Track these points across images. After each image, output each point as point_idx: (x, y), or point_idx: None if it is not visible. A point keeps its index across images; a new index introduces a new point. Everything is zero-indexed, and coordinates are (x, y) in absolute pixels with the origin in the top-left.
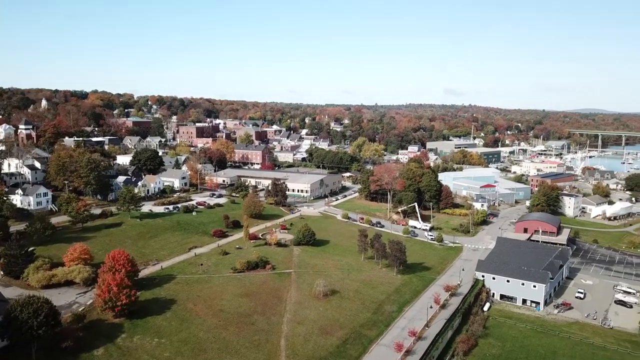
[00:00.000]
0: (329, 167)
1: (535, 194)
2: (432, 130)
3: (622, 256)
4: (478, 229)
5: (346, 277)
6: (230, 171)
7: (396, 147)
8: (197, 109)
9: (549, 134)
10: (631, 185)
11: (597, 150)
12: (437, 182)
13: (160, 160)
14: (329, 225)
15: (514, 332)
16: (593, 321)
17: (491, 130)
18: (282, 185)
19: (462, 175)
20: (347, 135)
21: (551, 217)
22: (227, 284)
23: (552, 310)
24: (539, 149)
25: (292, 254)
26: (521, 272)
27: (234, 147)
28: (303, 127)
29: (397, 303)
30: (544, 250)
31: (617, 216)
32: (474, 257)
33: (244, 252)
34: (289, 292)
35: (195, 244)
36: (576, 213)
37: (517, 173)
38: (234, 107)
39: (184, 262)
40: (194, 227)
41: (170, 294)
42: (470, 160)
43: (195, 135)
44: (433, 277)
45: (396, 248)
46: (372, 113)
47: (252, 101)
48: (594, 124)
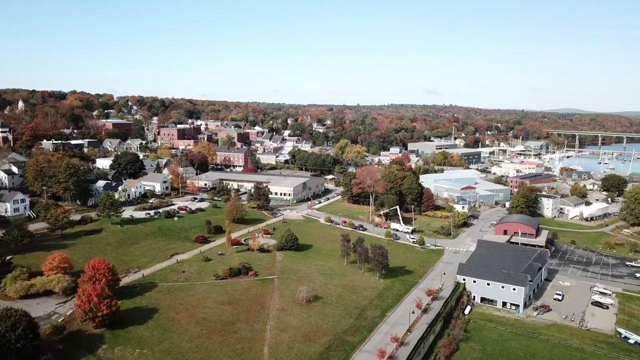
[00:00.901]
0: (311, 169)
1: (515, 196)
2: (414, 131)
3: (599, 257)
4: (459, 231)
5: (329, 282)
6: (212, 174)
7: (378, 149)
8: (178, 110)
9: (528, 134)
10: (607, 186)
11: (574, 150)
12: (418, 184)
13: (141, 164)
14: (312, 229)
15: (494, 335)
16: (571, 323)
17: (472, 131)
18: (264, 189)
19: (443, 177)
20: (329, 136)
21: (530, 219)
22: (210, 291)
23: (531, 313)
24: (519, 149)
25: (275, 260)
26: (501, 275)
27: (215, 150)
28: (285, 128)
29: (380, 308)
30: (523, 253)
31: (594, 217)
32: (455, 259)
33: (227, 258)
34: (272, 299)
35: (177, 250)
36: (554, 214)
37: (497, 174)
38: (215, 108)
39: (165, 269)
40: (175, 232)
41: (152, 303)
42: (451, 162)
43: (177, 137)
44: (415, 281)
45: (378, 252)
46: (354, 113)
47: (234, 101)
48: (571, 124)
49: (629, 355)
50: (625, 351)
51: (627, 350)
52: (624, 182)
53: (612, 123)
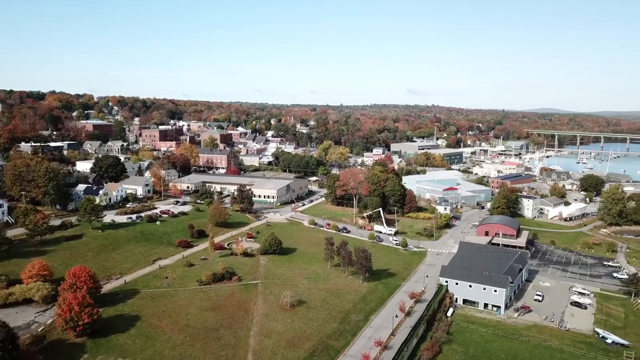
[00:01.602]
0: (295, 171)
1: (496, 197)
2: (396, 131)
3: (577, 257)
4: (441, 233)
5: (313, 286)
6: (195, 177)
7: (361, 149)
8: (160, 111)
9: (509, 134)
10: (585, 186)
11: (554, 150)
12: (401, 186)
13: (123, 167)
14: (296, 232)
15: (476, 337)
16: (551, 323)
17: (453, 131)
18: (248, 192)
19: (425, 179)
20: (313, 137)
21: (511, 220)
22: (193, 297)
23: (512, 314)
24: (499, 149)
25: (258, 264)
26: (483, 277)
27: (198, 152)
28: (269, 129)
29: (364, 312)
30: (504, 254)
31: (573, 217)
32: (437, 261)
33: (210, 263)
34: (256, 304)
35: (159, 256)
36: (534, 214)
37: (479, 174)
38: (198, 109)
39: (148, 275)
40: (158, 237)
41: (134, 310)
42: (433, 162)
43: (159, 139)
44: (398, 284)
45: (362, 256)
46: (337, 114)
47: (217, 101)
48: (550, 124)
49: (607, 355)
50: (603, 351)
51: (605, 350)
52: (601, 182)
53: (589, 123)
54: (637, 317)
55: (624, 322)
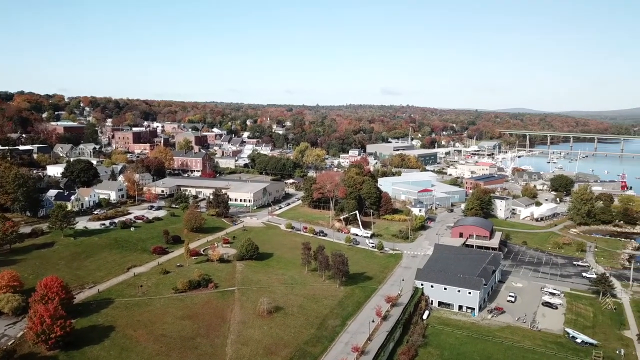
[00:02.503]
0: (271, 173)
1: (470, 198)
2: (372, 132)
3: (548, 257)
4: (417, 235)
5: (290, 292)
6: (170, 180)
7: (338, 151)
8: (133, 112)
9: (482, 134)
10: (555, 186)
11: (525, 150)
12: (376, 189)
13: (95, 171)
14: (273, 236)
15: (451, 340)
16: (523, 324)
17: (428, 131)
18: (223, 196)
19: (400, 180)
20: (289, 138)
21: (484, 222)
22: (169, 305)
23: (486, 315)
24: (473, 149)
25: (235, 270)
26: (457, 279)
27: (172, 155)
28: (244, 130)
29: (341, 317)
30: (478, 256)
31: (544, 217)
32: (413, 264)
33: (186, 270)
34: (233, 312)
35: (134, 263)
36: (507, 215)
37: (453, 175)
38: (172, 109)
39: (122, 284)
40: (132, 244)
41: (108, 320)
42: (408, 164)
43: (132, 141)
44: (375, 287)
45: (339, 260)
46: (313, 114)
47: (192, 101)
48: (522, 124)
49: (577, 354)
50: (573, 351)
51: (574, 350)
52: (571, 182)
53: (559, 123)
54: (605, 317)
55: (592, 322)
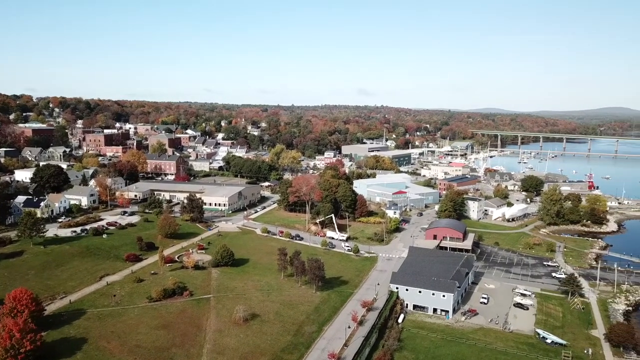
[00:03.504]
0: (247, 176)
1: (443, 200)
2: (347, 133)
3: (520, 257)
4: (391, 237)
5: (266, 298)
6: (143, 184)
7: (313, 152)
8: (105, 113)
9: (455, 134)
10: (526, 187)
11: (497, 150)
12: (352, 191)
13: (66, 176)
14: (248, 241)
15: (426, 343)
16: (495, 326)
17: (402, 132)
18: (198, 201)
19: (375, 182)
20: (264, 139)
21: (457, 224)
22: (143, 315)
23: (460, 318)
24: (446, 149)
25: (210, 277)
26: (431, 282)
27: (145, 158)
28: (219, 131)
29: (317, 322)
30: (451, 259)
31: (515, 217)
32: (388, 267)
33: (160, 277)
34: (209, 320)
35: (107, 272)
36: (480, 216)
37: (427, 176)
38: (145, 110)
39: (95, 293)
40: (105, 251)
41: (80, 332)
42: (383, 165)
43: (104, 144)
44: (351, 292)
45: (315, 266)
46: (289, 114)
47: (165, 102)
48: (493, 125)
49: (547, 355)
50: (544, 351)
51: (545, 350)
52: (540, 182)
53: (529, 123)
54: (574, 316)
55: (562, 322)
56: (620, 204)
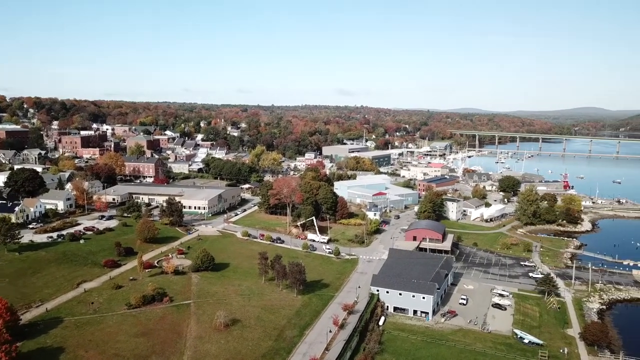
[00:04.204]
0: (227, 178)
1: (423, 201)
2: (327, 133)
3: (498, 258)
4: (372, 239)
5: (247, 303)
6: (121, 188)
7: (294, 153)
8: (81, 114)
9: (434, 134)
10: (503, 187)
11: (475, 150)
12: (333, 194)
13: (41, 180)
14: (229, 245)
15: (406, 345)
16: (474, 327)
17: (381, 133)
18: (177, 205)
19: (356, 184)
20: (244, 140)
21: (437, 225)
22: (122, 322)
23: (439, 319)
24: (425, 150)
25: (190, 282)
26: (411, 284)
27: (123, 160)
28: (198, 132)
29: (298, 327)
30: (431, 260)
31: (493, 218)
32: (369, 269)
33: (139, 283)
34: (189, 326)
35: (84, 278)
36: (458, 216)
37: (406, 177)
38: (122, 111)
39: (72, 301)
40: (82, 257)
41: (57, 342)
42: (363, 166)
43: (80, 146)
44: (332, 295)
45: (296, 270)
46: (269, 115)
47: (143, 102)
48: (472, 125)
49: (524, 355)
50: (521, 351)
51: (522, 350)
52: (517, 182)
53: (506, 123)
54: (550, 316)
55: (538, 321)
56: (594, 203)
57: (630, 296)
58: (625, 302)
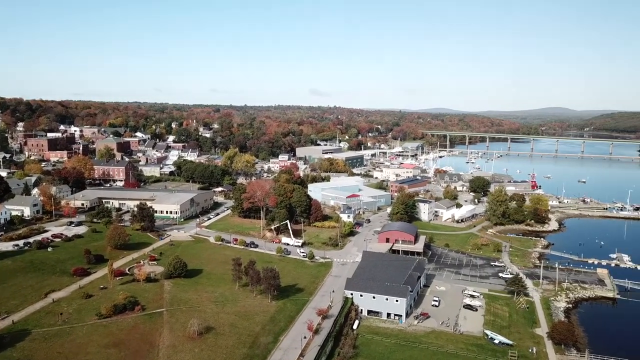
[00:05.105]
0: (199, 181)
1: (395, 203)
2: (301, 134)
3: (469, 258)
4: (346, 241)
5: (221, 310)
6: (90, 192)
7: (267, 154)
8: (48, 115)
9: (406, 135)
10: (474, 187)
11: (446, 151)
12: (307, 196)
13: (6, 185)
14: (202, 250)
15: (380, 349)
16: (447, 328)
17: (354, 133)
18: (149, 210)
19: (329, 186)
20: (217, 141)
21: (409, 227)
22: (92, 333)
23: (412, 322)
24: (397, 150)
25: (163, 290)
26: (385, 287)
27: (92, 164)
28: (170, 133)
29: (273, 333)
30: (404, 263)
31: (464, 218)
32: (343, 272)
33: (110, 292)
34: (162, 335)
35: (52, 288)
36: (430, 217)
37: (379, 178)
38: (91, 112)
39: (40, 312)
40: (50, 266)
41: (25, 355)
42: (337, 168)
43: (47, 148)
44: (306, 299)
45: (270, 275)
46: (241, 115)
47: (113, 102)
48: (443, 125)
49: (495, 355)
50: (492, 352)
51: (493, 351)
52: (487, 183)
53: (476, 123)
54: (519, 316)
55: (508, 321)
56: (560, 202)
57: (595, 294)
58: (590, 301)
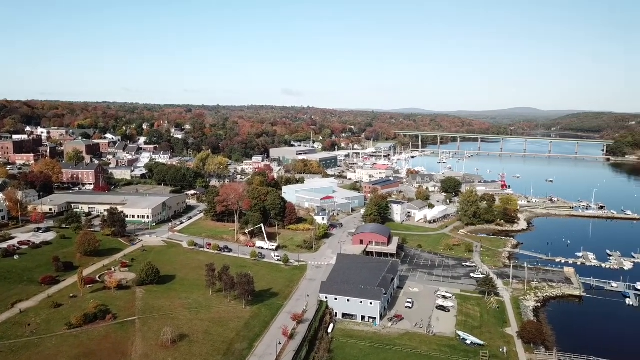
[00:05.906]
0: (171, 184)
1: (369, 204)
2: (275, 135)
3: (441, 259)
4: (320, 244)
5: (195, 317)
6: (58, 197)
7: (241, 156)
8: (13, 116)
9: (378, 135)
10: (445, 188)
11: (418, 151)
12: (281, 199)
13: None
14: (175, 255)
15: (355, 352)
16: (420, 330)
17: (328, 134)
18: (119, 215)
19: (303, 188)
20: (189, 143)
21: (382, 228)
22: (62, 344)
23: (386, 324)
24: (370, 151)
25: (135, 297)
26: (359, 290)
27: (60, 167)
28: (141, 134)
29: (247, 339)
30: (377, 265)
31: (436, 219)
32: (317, 275)
33: (80, 301)
34: (134, 345)
35: (19, 297)
36: (403, 218)
37: (353, 179)
38: (59, 112)
39: (6, 323)
40: (16, 275)
41: None
42: (311, 169)
43: (13, 151)
44: (281, 304)
45: (244, 280)
46: (214, 115)
47: (81, 102)
48: (415, 125)
49: (467, 356)
50: (464, 352)
51: (465, 352)
52: (459, 183)
53: (447, 123)
54: (490, 316)
55: (480, 322)
56: (529, 202)
57: (562, 293)
58: (557, 299)
